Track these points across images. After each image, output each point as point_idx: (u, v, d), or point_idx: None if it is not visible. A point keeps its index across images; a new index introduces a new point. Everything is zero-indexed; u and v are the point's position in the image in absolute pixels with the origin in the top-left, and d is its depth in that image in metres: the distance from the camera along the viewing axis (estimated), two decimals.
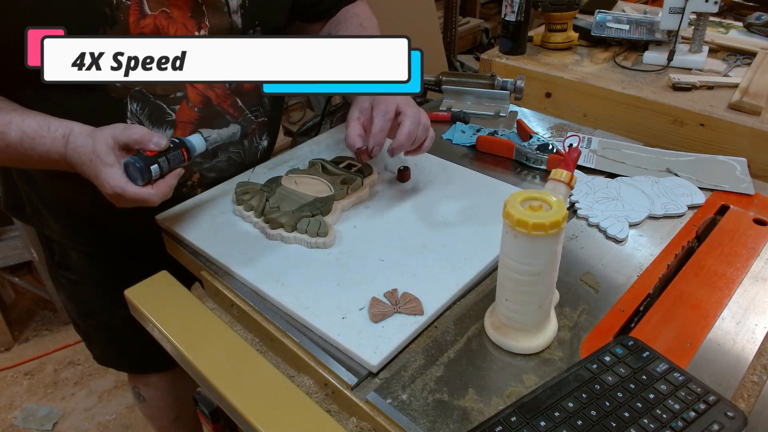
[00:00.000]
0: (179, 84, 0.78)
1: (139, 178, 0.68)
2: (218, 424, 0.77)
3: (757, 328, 0.64)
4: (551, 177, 0.62)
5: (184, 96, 0.80)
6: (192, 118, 0.81)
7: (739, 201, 0.85)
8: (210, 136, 0.78)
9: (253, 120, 0.90)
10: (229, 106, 0.85)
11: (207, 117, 0.82)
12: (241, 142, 0.89)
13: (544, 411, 0.53)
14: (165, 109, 0.79)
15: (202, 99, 0.82)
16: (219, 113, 0.84)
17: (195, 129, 0.82)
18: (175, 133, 0.80)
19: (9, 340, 1.90)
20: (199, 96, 0.81)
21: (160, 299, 0.75)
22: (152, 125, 0.79)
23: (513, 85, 1.12)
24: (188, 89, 0.80)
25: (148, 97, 0.77)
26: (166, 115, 0.79)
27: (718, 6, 1.21)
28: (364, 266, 0.73)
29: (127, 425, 1.66)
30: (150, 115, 0.78)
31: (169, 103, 0.79)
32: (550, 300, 0.61)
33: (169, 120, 0.80)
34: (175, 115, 0.80)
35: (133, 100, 0.76)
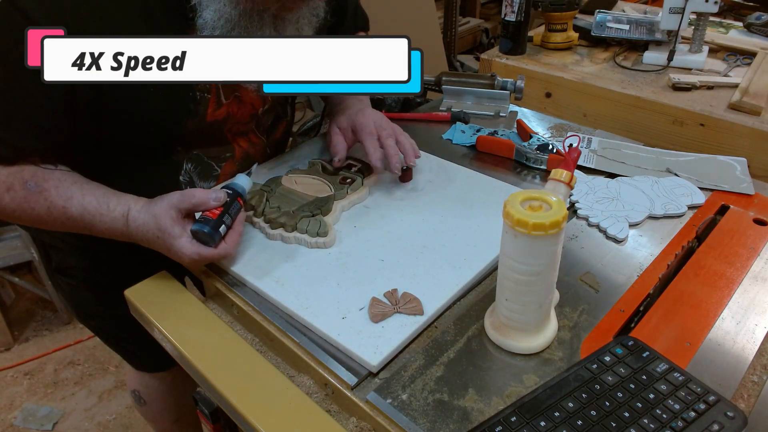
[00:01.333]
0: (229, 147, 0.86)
1: (210, 242, 0.70)
2: (218, 424, 0.77)
3: (757, 328, 0.64)
4: (551, 177, 0.62)
5: (231, 156, 0.87)
6: (233, 170, 0.88)
7: (739, 201, 0.85)
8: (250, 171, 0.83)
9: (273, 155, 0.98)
10: (261, 154, 0.93)
11: (243, 168, 0.88)
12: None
13: (544, 411, 0.53)
14: (214, 167, 0.86)
15: (244, 155, 0.89)
16: (253, 161, 0.89)
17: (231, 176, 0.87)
18: (217, 183, 0.86)
19: (9, 340, 1.90)
20: (243, 153, 0.88)
21: (160, 299, 0.75)
22: (199, 179, 0.86)
23: (513, 85, 1.12)
24: (236, 149, 0.87)
25: (202, 158, 0.84)
26: (213, 171, 0.86)
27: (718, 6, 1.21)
28: (364, 266, 0.73)
29: (127, 425, 1.66)
30: (200, 172, 0.85)
31: (218, 162, 0.86)
32: (550, 300, 0.61)
33: (214, 175, 0.87)
34: (220, 170, 0.87)
35: (188, 161, 0.83)
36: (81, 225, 0.73)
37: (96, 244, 0.93)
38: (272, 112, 0.92)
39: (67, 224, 0.73)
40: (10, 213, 0.71)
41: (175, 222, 0.70)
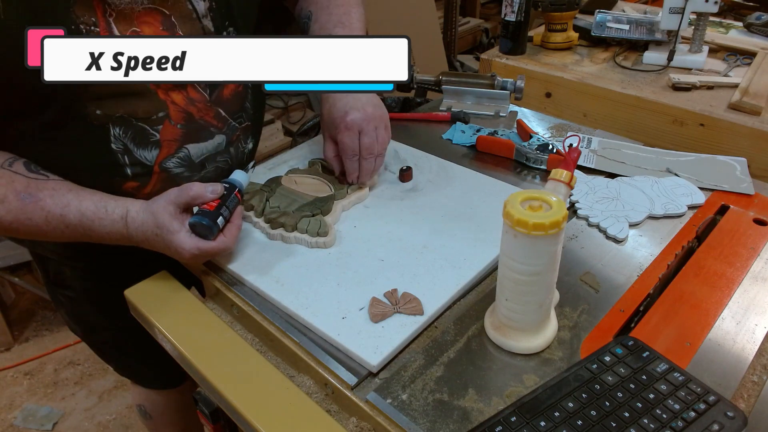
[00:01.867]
0: (160, 104, 0.77)
1: (209, 234, 0.70)
2: (218, 424, 0.77)
3: (757, 328, 0.64)
4: (551, 177, 0.62)
5: (166, 116, 0.78)
6: (176, 136, 0.80)
7: (739, 201, 0.85)
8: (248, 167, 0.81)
9: (237, 127, 0.87)
10: (212, 118, 0.83)
11: (191, 132, 0.81)
12: (227, 151, 0.87)
13: (544, 411, 0.53)
14: (148, 131, 0.77)
15: (184, 115, 0.80)
16: (203, 126, 0.82)
17: (181, 145, 0.81)
18: (160, 153, 0.79)
19: (9, 340, 1.90)
20: (181, 113, 0.79)
21: (160, 299, 0.75)
22: (137, 147, 0.77)
23: (513, 85, 1.12)
24: (170, 107, 0.78)
25: (129, 121, 0.76)
26: (149, 136, 0.78)
27: (718, 6, 1.21)
28: (364, 266, 0.73)
29: (127, 425, 1.66)
30: (134, 137, 0.77)
31: (151, 124, 0.77)
32: (550, 300, 0.61)
33: (153, 141, 0.78)
34: (159, 135, 0.78)
35: (115, 125, 0.75)
36: (80, 232, 0.71)
37: (89, 254, 0.91)
38: None
39: (66, 232, 0.71)
40: (7, 226, 0.69)
41: (174, 217, 0.69)
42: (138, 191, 0.80)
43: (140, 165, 0.78)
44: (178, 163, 0.81)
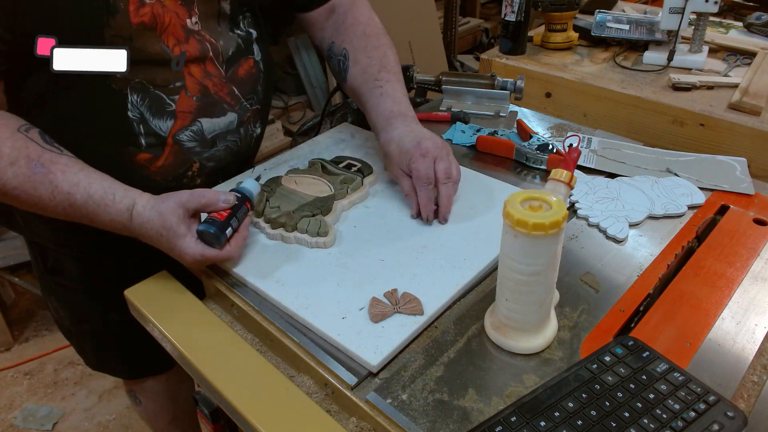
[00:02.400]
0: (178, 74, 0.79)
1: (216, 244, 0.70)
2: (218, 424, 0.77)
3: (757, 328, 0.64)
4: (551, 177, 0.62)
5: (182, 86, 0.80)
6: (191, 108, 0.82)
7: (739, 201, 0.85)
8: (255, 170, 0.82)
9: (248, 108, 0.90)
10: (226, 94, 0.85)
11: (205, 106, 0.83)
12: (238, 131, 0.89)
13: (544, 411, 0.53)
14: (165, 100, 0.79)
15: (200, 88, 0.82)
16: (217, 102, 0.84)
17: (195, 118, 0.82)
18: (175, 124, 0.81)
19: (9, 340, 1.90)
20: (197, 85, 0.81)
21: (160, 299, 0.75)
22: (153, 116, 0.79)
23: (513, 85, 1.12)
24: (186, 78, 0.80)
25: (147, 88, 0.77)
26: (166, 105, 0.79)
27: (718, 6, 1.21)
28: (364, 266, 0.73)
29: (127, 425, 1.66)
30: (150, 106, 0.78)
31: (168, 93, 0.79)
32: (550, 300, 0.61)
33: (169, 110, 0.80)
34: (175, 105, 0.80)
35: (133, 91, 0.76)
36: (82, 214, 0.71)
37: (89, 244, 0.92)
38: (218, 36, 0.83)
39: (68, 211, 0.70)
40: (11, 190, 0.68)
41: (181, 221, 0.69)
42: (150, 163, 0.81)
43: (154, 135, 0.79)
44: (190, 137, 0.83)
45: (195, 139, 0.83)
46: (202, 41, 0.81)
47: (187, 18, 0.78)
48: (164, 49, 0.77)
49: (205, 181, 0.89)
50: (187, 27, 0.78)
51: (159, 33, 0.76)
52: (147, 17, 0.74)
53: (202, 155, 0.86)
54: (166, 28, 0.76)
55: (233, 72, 0.86)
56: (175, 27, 0.77)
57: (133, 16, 0.73)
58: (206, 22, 0.81)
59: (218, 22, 0.83)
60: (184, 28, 0.78)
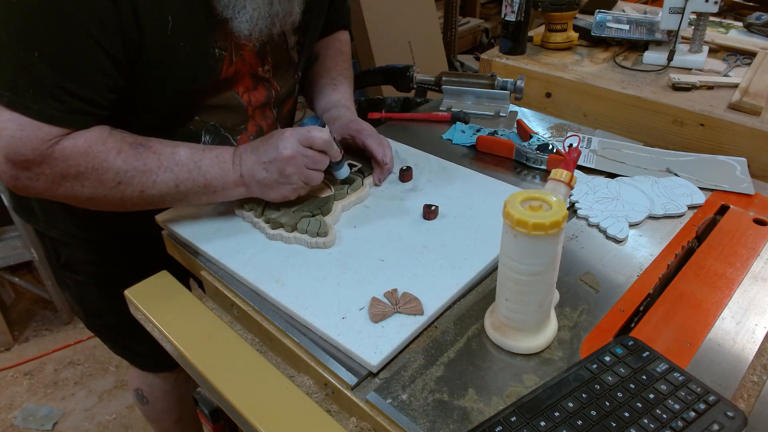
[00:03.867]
0: (245, 118, 0.87)
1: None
2: (218, 424, 0.77)
3: (757, 328, 0.64)
4: (551, 177, 0.62)
5: (245, 128, 0.88)
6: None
7: (739, 201, 0.85)
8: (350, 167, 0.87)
9: None
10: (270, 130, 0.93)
11: None
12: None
13: (544, 411, 0.53)
14: (230, 140, 0.87)
15: (257, 129, 0.90)
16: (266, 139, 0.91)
17: None
18: None
19: (9, 340, 1.90)
20: (255, 127, 0.89)
21: (160, 299, 0.75)
22: None
23: (513, 85, 1.12)
24: (249, 122, 0.88)
25: (219, 130, 0.85)
26: (230, 143, 0.87)
27: (718, 6, 1.21)
28: (364, 266, 0.73)
29: (127, 425, 1.66)
30: (218, 144, 0.85)
31: (233, 134, 0.87)
32: (550, 300, 0.61)
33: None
34: (236, 143, 0.87)
35: (207, 133, 0.84)
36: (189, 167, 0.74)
37: (106, 237, 0.95)
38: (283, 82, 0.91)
39: (176, 172, 0.74)
40: (123, 174, 0.71)
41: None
42: None
43: None
44: None
45: None
46: (269, 88, 0.88)
47: (259, 67, 0.84)
48: (234, 95, 0.84)
49: None
50: (257, 75, 0.85)
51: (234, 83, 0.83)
52: (232, 72, 0.80)
53: None
54: (240, 79, 0.83)
55: (280, 111, 0.94)
56: (245, 76, 0.83)
57: (223, 74, 0.79)
58: (277, 69, 0.88)
59: (287, 69, 0.90)
60: (252, 76, 0.84)
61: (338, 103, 0.98)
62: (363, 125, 0.91)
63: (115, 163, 0.71)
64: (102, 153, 0.70)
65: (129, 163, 0.71)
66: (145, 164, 0.72)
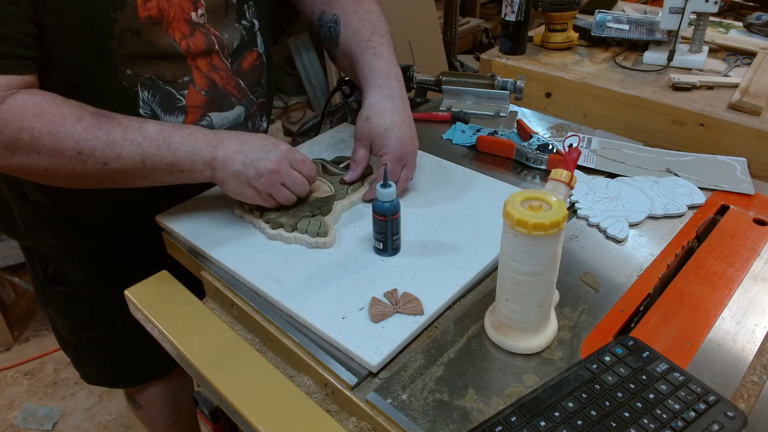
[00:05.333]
0: (186, 68, 0.80)
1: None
2: (218, 424, 0.77)
3: (757, 328, 0.64)
4: (551, 177, 0.62)
5: (190, 80, 0.81)
6: (200, 102, 0.83)
7: (739, 201, 0.85)
8: None
9: (255, 101, 0.91)
10: (233, 87, 0.86)
11: (214, 100, 0.84)
12: (245, 124, 0.90)
13: (544, 411, 0.53)
14: (175, 95, 0.80)
15: (208, 82, 0.83)
16: (224, 96, 0.85)
17: (204, 113, 0.83)
18: (186, 119, 0.82)
19: (9, 340, 1.90)
20: (205, 79, 0.82)
21: (160, 299, 0.75)
22: (164, 112, 0.81)
23: (513, 85, 1.12)
24: (194, 72, 0.81)
25: (158, 84, 0.79)
26: (176, 101, 0.81)
27: (718, 6, 1.21)
28: (364, 266, 0.73)
29: (127, 425, 1.66)
30: (161, 102, 0.80)
31: (177, 88, 0.80)
32: (550, 300, 0.61)
33: (179, 106, 0.81)
34: (185, 100, 0.81)
35: (144, 87, 0.78)
36: (158, 142, 0.71)
37: (98, 247, 0.93)
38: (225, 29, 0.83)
39: (143, 146, 0.70)
40: (84, 143, 0.68)
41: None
42: None
43: None
44: None
45: None
46: (207, 34, 0.81)
47: (192, 11, 0.79)
48: (171, 43, 0.77)
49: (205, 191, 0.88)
50: (191, 20, 0.79)
51: (165, 27, 0.76)
52: (154, 11, 0.75)
53: None
54: (171, 22, 0.77)
55: (238, 65, 0.86)
56: (179, 21, 0.77)
57: (140, 10, 0.73)
58: (213, 14, 0.81)
59: (225, 14, 0.83)
60: (188, 22, 0.78)
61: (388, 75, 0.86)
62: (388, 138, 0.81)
63: (75, 130, 0.67)
64: (57, 117, 0.67)
65: (90, 132, 0.68)
66: (109, 134, 0.69)
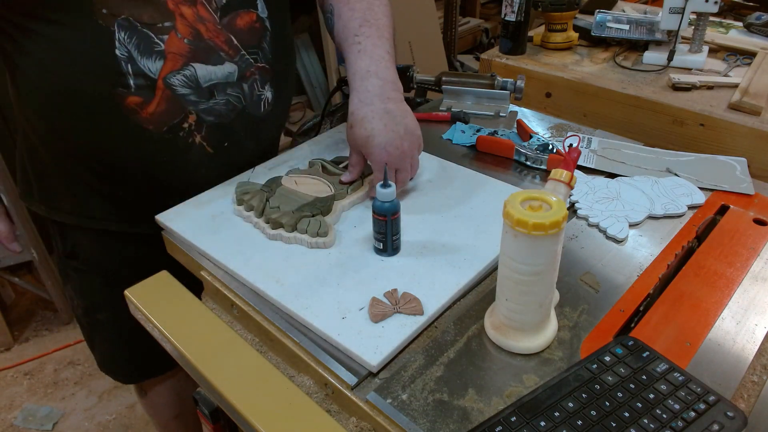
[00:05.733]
0: (167, 13, 0.76)
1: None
2: (218, 424, 0.77)
3: (757, 328, 0.64)
4: (551, 177, 0.62)
5: (172, 26, 0.77)
6: (182, 50, 0.78)
7: (739, 201, 0.85)
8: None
9: (252, 63, 0.85)
10: (222, 42, 0.82)
11: (198, 51, 0.80)
12: (240, 85, 0.85)
13: (544, 411, 0.53)
14: (153, 39, 0.76)
15: (192, 31, 0.78)
16: (212, 48, 0.81)
17: (187, 62, 0.79)
18: (165, 65, 0.77)
19: (9, 340, 1.90)
20: (189, 28, 0.78)
21: (160, 299, 0.75)
22: (140, 55, 0.76)
23: (513, 85, 1.12)
24: (177, 19, 0.77)
25: (135, 26, 0.75)
26: (154, 45, 0.76)
27: (718, 6, 1.21)
28: (364, 266, 0.73)
29: (127, 425, 1.66)
30: (138, 44, 0.76)
31: (156, 32, 0.76)
32: (550, 300, 0.61)
33: (157, 50, 0.77)
34: (164, 45, 0.77)
35: (120, 28, 0.74)
36: None
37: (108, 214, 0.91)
38: None
39: None
40: None
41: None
42: (141, 108, 0.78)
43: (143, 76, 0.77)
44: (183, 82, 0.79)
45: (188, 86, 0.80)
46: None
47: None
48: None
49: (206, 138, 0.85)
50: None
51: None
52: None
53: (198, 106, 0.82)
54: None
55: (230, 21, 0.82)
56: None
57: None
58: None
59: None
60: None
61: (368, 75, 0.82)
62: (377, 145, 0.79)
63: None
64: None
65: None
66: None
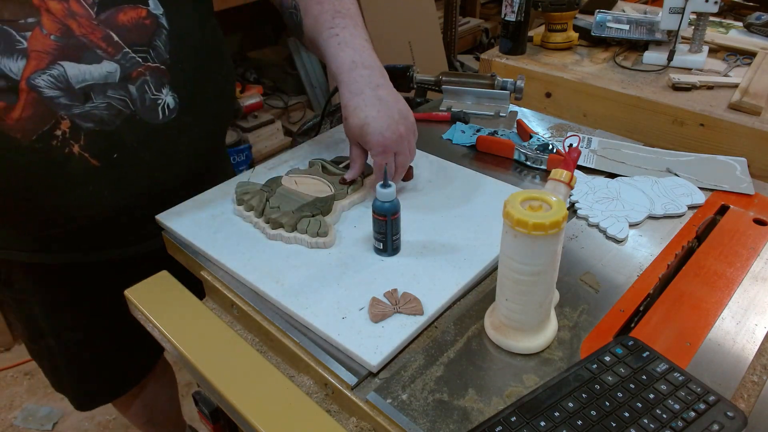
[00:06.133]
0: (31, 9, 0.69)
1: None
2: (218, 424, 0.77)
3: (757, 328, 0.64)
4: (551, 177, 0.62)
5: (37, 23, 0.69)
6: (48, 48, 0.70)
7: (739, 201, 0.85)
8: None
9: (140, 62, 0.76)
10: (99, 39, 0.73)
11: (69, 48, 0.71)
12: (125, 87, 0.75)
13: (544, 411, 0.53)
14: (14, 36, 0.69)
15: (61, 27, 0.71)
16: (85, 45, 0.72)
17: (54, 60, 0.71)
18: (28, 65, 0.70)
19: (9, 340, 1.90)
20: (57, 24, 0.70)
21: (160, 299, 0.75)
22: (1, 55, 0.69)
23: (513, 85, 1.12)
24: (43, 15, 0.69)
25: None
26: (15, 42, 0.69)
27: (718, 6, 1.21)
28: (364, 266, 0.73)
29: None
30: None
31: (18, 29, 0.69)
32: (550, 300, 0.61)
33: (19, 48, 0.69)
34: (27, 43, 0.69)
35: None
36: None
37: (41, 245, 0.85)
38: None
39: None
40: None
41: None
42: (5, 114, 0.70)
43: (4, 78, 0.69)
44: (51, 83, 0.71)
45: (58, 87, 0.71)
46: None
47: None
48: None
49: (86, 148, 0.75)
50: None
51: None
52: None
53: (71, 110, 0.73)
54: None
55: (110, 16, 0.73)
56: None
57: None
58: None
59: None
60: None
61: (354, 66, 0.80)
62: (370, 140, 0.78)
63: None
64: None
65: None
66: None
